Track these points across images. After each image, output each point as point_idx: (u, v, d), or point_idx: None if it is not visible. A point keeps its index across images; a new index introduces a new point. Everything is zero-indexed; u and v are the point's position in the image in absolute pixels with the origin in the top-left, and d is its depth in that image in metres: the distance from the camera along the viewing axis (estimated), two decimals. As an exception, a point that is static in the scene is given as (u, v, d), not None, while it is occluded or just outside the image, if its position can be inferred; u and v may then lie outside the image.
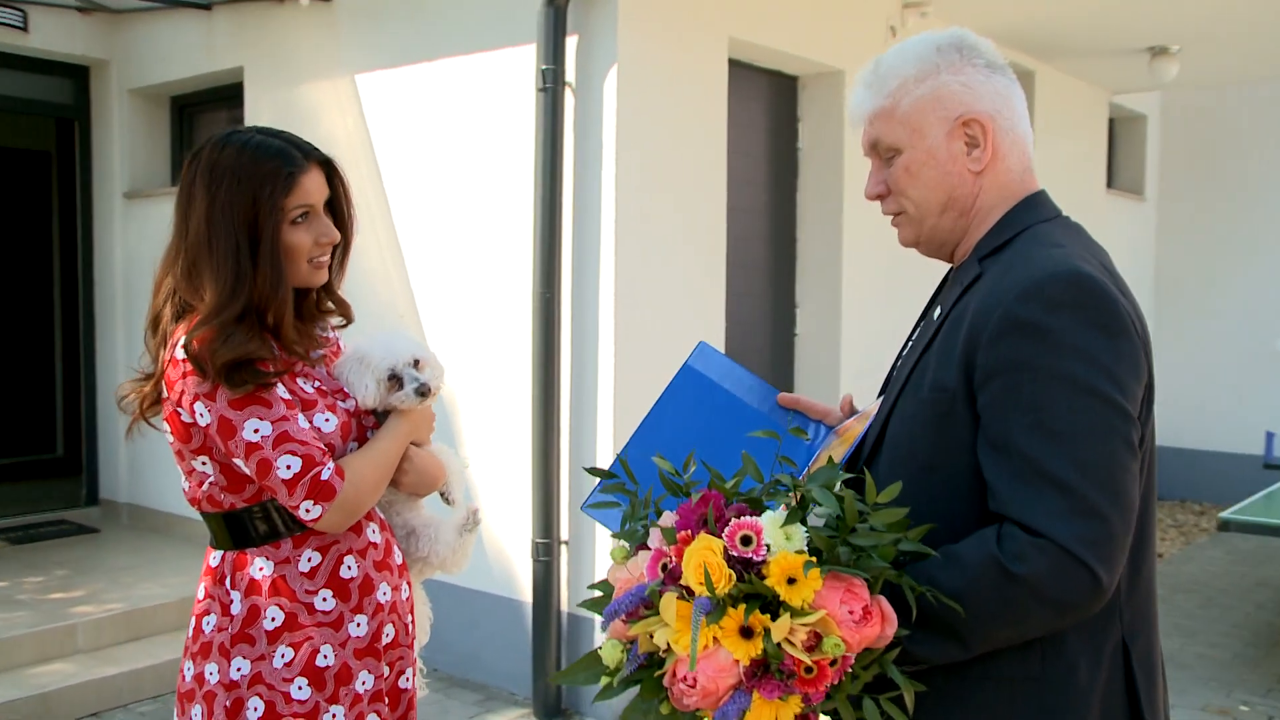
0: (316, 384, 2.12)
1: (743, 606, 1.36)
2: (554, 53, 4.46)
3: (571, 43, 4.53)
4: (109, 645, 5.09)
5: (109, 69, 6.56)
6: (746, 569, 1.38)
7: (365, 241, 5.30)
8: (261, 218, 2.00)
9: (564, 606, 4.69)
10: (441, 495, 2.34)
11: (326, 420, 2.06)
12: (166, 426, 2.06)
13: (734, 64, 5.17)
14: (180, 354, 1.97)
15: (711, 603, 1.36)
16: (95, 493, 6.99)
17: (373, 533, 2.15)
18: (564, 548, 4.67)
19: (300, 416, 2.00)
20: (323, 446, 1.99)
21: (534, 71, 4.53)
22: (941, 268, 1.79)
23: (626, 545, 1.57)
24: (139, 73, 6.44)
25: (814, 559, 1.38)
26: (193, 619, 2.11)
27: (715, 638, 1.36)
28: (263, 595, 2.03)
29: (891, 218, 1.75)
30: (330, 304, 2.27)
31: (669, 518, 1.49)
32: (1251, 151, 9.46)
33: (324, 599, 2.06)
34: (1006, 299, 1.50)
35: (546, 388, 4.57)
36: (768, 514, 1.41)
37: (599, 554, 4.60)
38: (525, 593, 4.77)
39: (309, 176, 2.06)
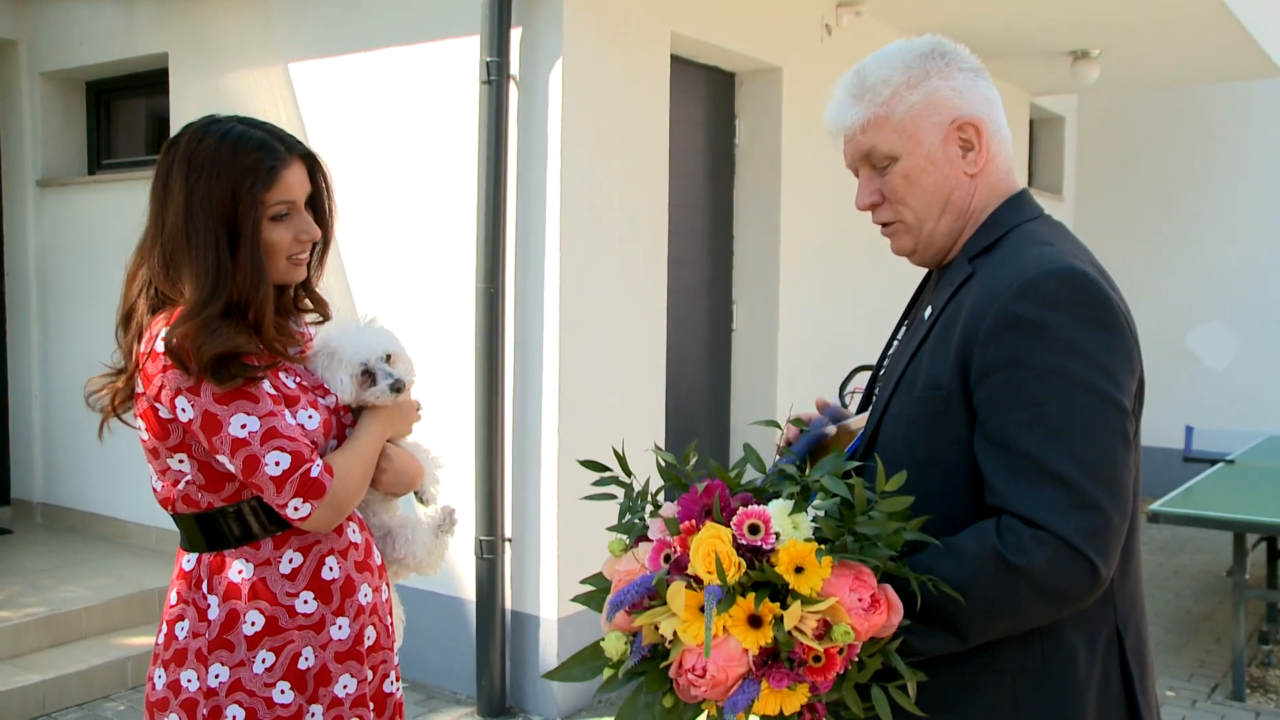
0: (298, 380, 2.07)
1: (752, 595, 1.36)
2: (498, 45, 4.40)
3: (516, 35, 4.48)
4: (29, 651, 4.90)
5: (18, 49, 6.29)
6: (756, 557, 1.38)
7: (299, 234, 5.17)
8: (241, 212, 1.93)
9: (508, 604, 4.64)
10: (417, 495, 2.29)
11: (310, 417, 2.01)
12: (141, 423, 1.98)
13: (675, 59, 5.16)
14: (160, 347, 1.90)
15: (723, 591, 1.36)
16: (7, 492, 6.73)
17: (353, 533, 2.11)
18: (508, 545, 4.62)
19: (287, 413, 1.95)
20: (310, 443, 1.95)
21: (478, 64, 4.46)
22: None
23: (625, 539, 1.55)
24: (52, 55, 6.19)
25: (823, 547, 1.39)
26: (164, 625, 2.04)
27: (725, 627, 1.35)
28: (242, 599, 1.97)
29: (881, 228, 1.76)
30: (308, 301, 2.20)
31: (671, 508, 1.48)
32: (1166, 152, 9.77)
33: (305, 601, 2.00)
34: (1003, 296, 1.52)
35: (490, 383, 4.51)
36: (775, 503, 1.42)
37: (543, 551, 4.56)
38: (468, 591, 4.71)
39: (291, 171, 2.00)
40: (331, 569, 2.04)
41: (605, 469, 1.61)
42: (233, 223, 1.93)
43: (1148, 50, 7.37)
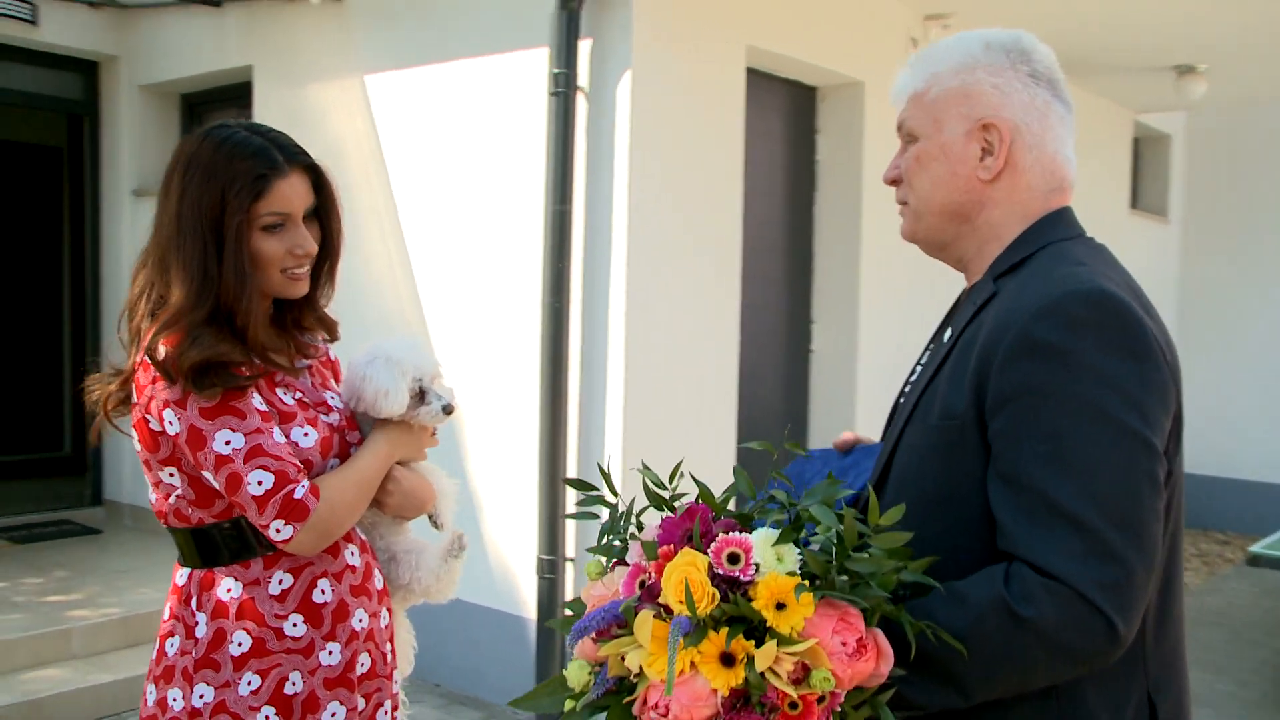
0: (298, 395, 2.01)
1: (725, 630, 1.25)
2: (566, 57, 4.35)
3: (585, 47, 4.43)
4: (104, 651, 4.99)
5: (119, 64, 6.48)
6: (732, 589, 1.28)
7: (373, 248, 5.21)
8: (226, 218, 1.88)
9: (565, 625, 4.56)
10: (430, 519, 2.23)
11: (305, 434, 1.95)
12: (134, 434, 1.94)
13: (752, 73, 5.05)
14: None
15: (691, 623, 1.25)
16: (100, 493, 6.90)
17: (351, 555, 2.03)
18: (569, 564, 4.55)
19: (276, 430, 1.88)
20: (297, 463, 1.88)
21: (546, 75, 4.42)
22: (960, 282, 1.70)
23: (603, 561, 1.46)
24: (148, 69, 6.36)
25: (806, 583, 1.27)
26: (157, 639, 2.01)
27: (693, 662, 1.24)
28: (229, 619, 1.92)
29: (899, 207, 1.68)
30: (313, 319, 2.14)
31: (651, 531, 1.39)
32: (1278, 172, 9.29)
33: (294, 624, 1.94)
34: (1021, 318, 1.39)
35: (554, 400, 4.45)
36: (759, 532, 1.31)
37: (602, 572, 4.47)
38: (529, 609, 4.65)
39: (287, 182, 1.93)
40: (324, 592, 1.97)
41: (591, 488, 1.52)
42: (219, 229, 1.88)
43: (1259, 65, 7.01)
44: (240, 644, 1.91)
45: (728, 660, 1.25)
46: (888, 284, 5.74)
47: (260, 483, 1.82)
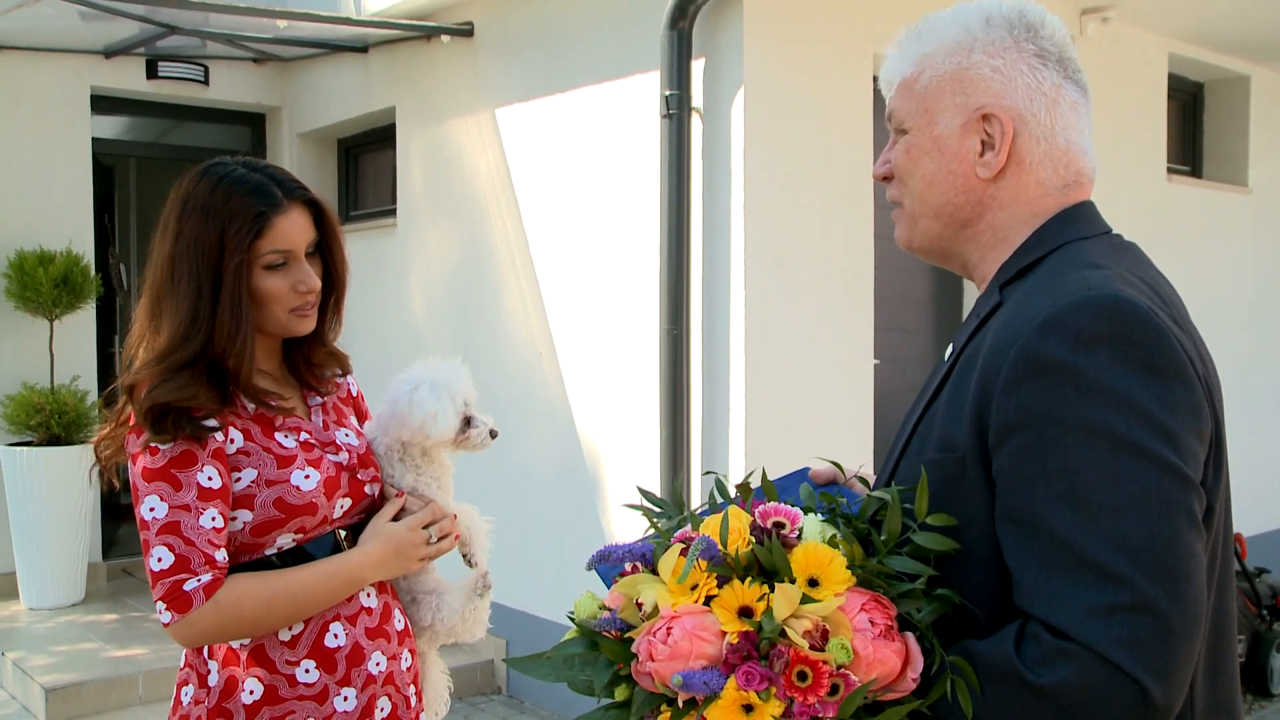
0: (303, 436, 1.95)
1: (748, 582, 1.15)
2: (678, 78, 4.25)
3: (698, 67, 4.31)
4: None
5: (281, 115, 6.80)
6: (769, 539, 1.18)
7: (505, 279, 5.23)
8: (226, 258, 1.84)
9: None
10: (464, 557, 2.15)
11: (306, 477, 1.90)
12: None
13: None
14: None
15: (720, 553, 1.17)
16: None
17: (367, 597, 1.97)
18: (692, 600, 4.39)
19: (210, 512, 1.80)
20: (214, 556, 1.79)
21: (659, 98, 4.32)
22: None
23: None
24: (307, 117, 6.64)
25: (846, 559, 1.17)
26: (175, 688, 1.99)
27: (708, 597, 1.15)
28: (240, 666, 1.88)
29: (894, 210, 1.48)
30: (323, 355, 2.08)
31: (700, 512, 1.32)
32: None
33: (306, 670, 1.89)
34: (1024, 333, 1.19)
35: (674, 431, 4.33)
36: (811, 515, 1.23)
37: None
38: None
39: (287, 218, 1.89)
40: (337, 636, 1.92)
41: (660, 506, 1.42)
42: (218, 269, 1.84)
43: None
44: (252, 692, 1.87)
45: (746, 615, 1.14)
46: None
47: (160, 560, 1.77)
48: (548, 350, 5.03)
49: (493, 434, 2.06)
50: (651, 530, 1.37)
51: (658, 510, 1.41)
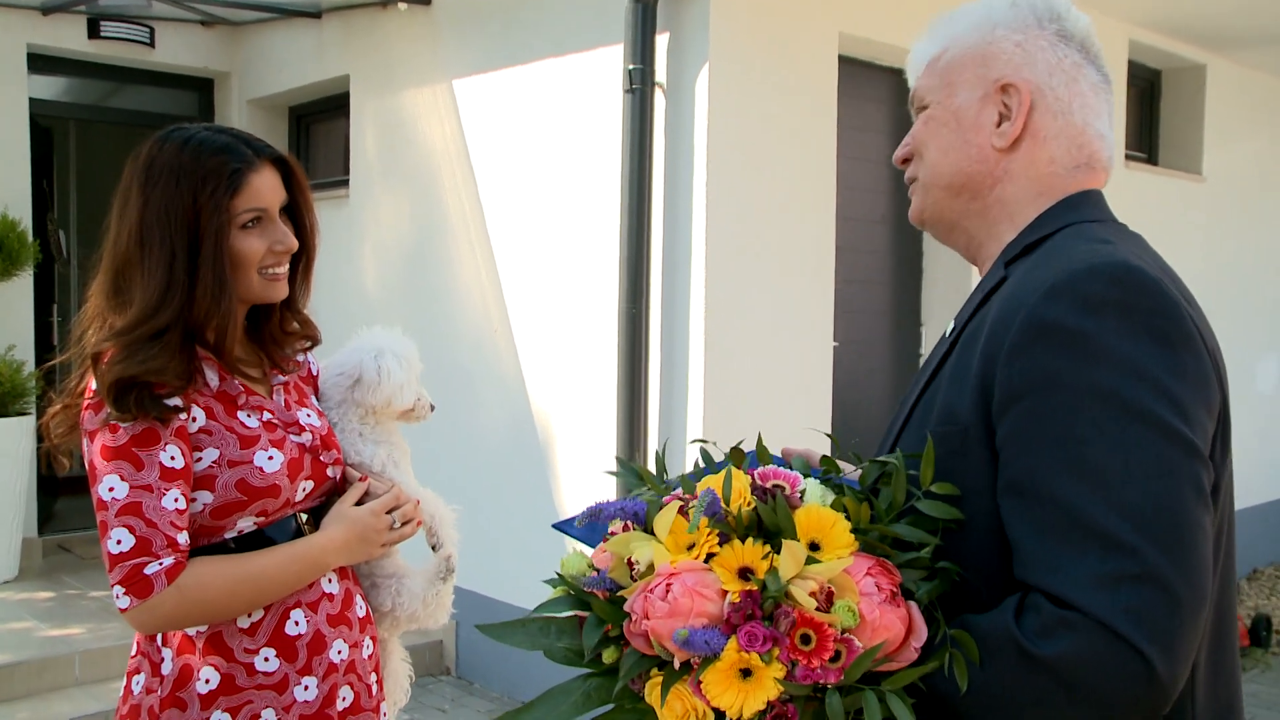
0: (266, 416, 1.87)
1: (752, 541, 1.11)
2: (642, 52, 4.17)
3: (662, 41, 4.23)
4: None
5: (230, 80, 6.61)
6: (771, 500, 1.15)
7: (460, 253, 5.13)
8: (204, 220, 1.75)
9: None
10: (430, 545, 2.09)
11: (270, 459, 1.82)
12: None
13: (846, 61, 4.76)
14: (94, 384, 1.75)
15: (722, 509, 1.13)
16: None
17: (328, 582, 1.91)
18: (648, 582, 4.35)
19: (173, 493, 1.71)
20: (176, 539, 1.71)
21: (622, 72, 4.24)
22: None
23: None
24: (257, 83, 6.46)
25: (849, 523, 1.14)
26: (125, 677, 1.90)
27: (710, 555, 1.11)
28: (195, 654, 1.80)
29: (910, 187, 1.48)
30: (295, 324, 2.02)
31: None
32: None
33: (266, 659, 1.82)
34: (1031, 299, 1.16)
35: (631, 411, 4.27)
36: (811, 479, 1.21)
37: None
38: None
39: (260, 176, 1.82)
40: (298, 624, 1.84)
41: (640, 476, 1.37)
42: (194, 233, 1.76)
43: None
44: (208, 681, 1.79)
45: (746, 576, 1.10)
46: (1005, 284, 5.36)
47: (119, 541, 1.69)
48: (503, 327, 4.94)
49: (432, 407, 2.08)
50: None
51: (639, 480, 1.37)
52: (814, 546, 1.11)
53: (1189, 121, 6.68)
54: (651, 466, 4.28)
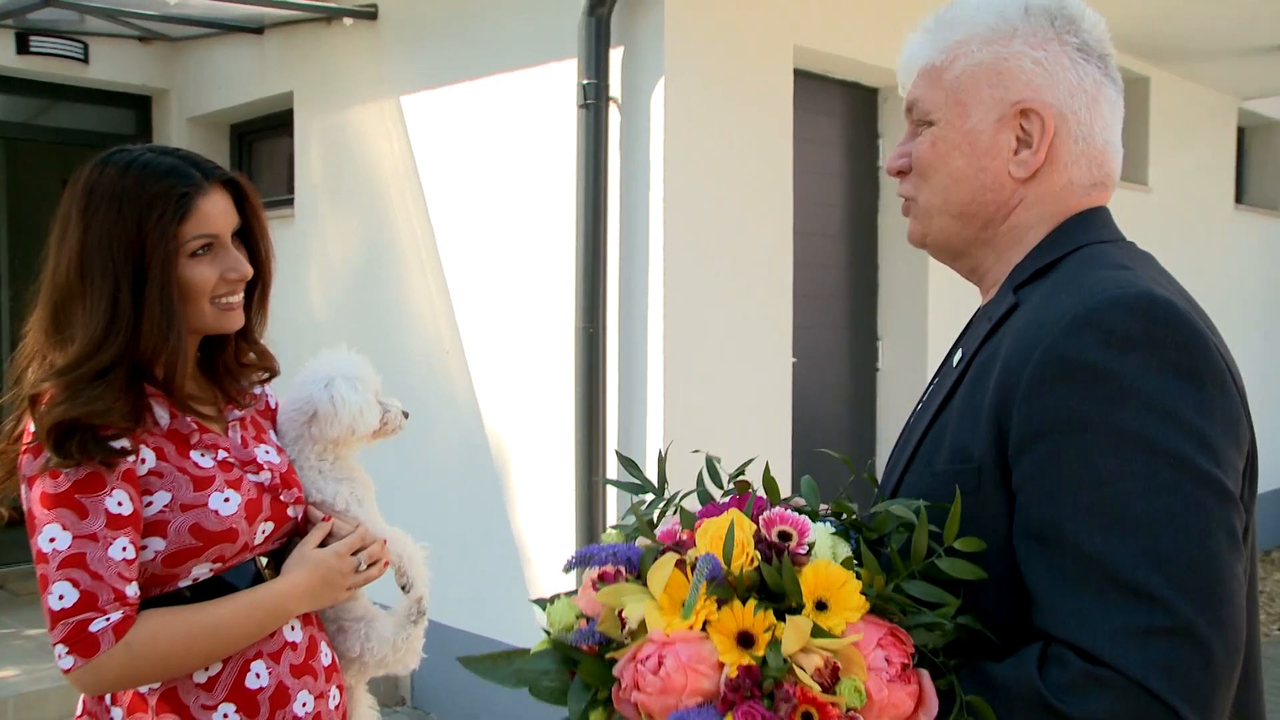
0: (221, 455, 1.76)
1: (752, 603, 1.02)
2: (596, 66, 4.09)
3: (617, 55, 4.16)
4: None
5: (169, 97, 6.42)
6: (776, 558, 1.09)
7: (410, 273, 5.02)
8: (150, 248, 1.64)
9: (610, 671, 4.28)
10: (400, 586, 1.99)
11: (226, 500, 1.71)
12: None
13: (802, 75, 4.72)
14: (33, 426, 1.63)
15: (723, 572, 1.05)
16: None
17: (291, 630, 1.80)
18: (610, 606, 4.26)
19: (121, 542, 1.59)
20: (125, 592, 1.59)
21: (576, 87, 4.16)
22: None
23: (623, 529, 1.26)
24: (197, 100, 6.28)
25: (860, 583, 1.06)
26: None
27: (706, 623, 1.04)
28: (149, 712, 1.68)
29: (903, 203, 1.39)
30: (251, 355, 1.91)
31: (693, 504, 1.24)
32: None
33: (225, 715, 1.71)
34: (1051, 333, 1.10)
35: (589, 432, 4.18)
36: (820, 523, 1.15)
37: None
38: (570, 654, 4.37)
39: (209, 200, 1.71)
40: (259, 676, 1.74)
41: (638, 483, 1.34)
42: (140, 262, 1.64)
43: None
44: None
45: (745, 641, 1.03)
46: (959, 297, 5.34)
47: (61, 596, 1.56)
48: (455, 348, 4.83)
49: (405, 414, 2.00)
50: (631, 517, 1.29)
51: (638, 483, 1.34)
52: (820, 605, 1.05)
53: (1134, 133, 6.75)
54: (651, 471, 4.23)
